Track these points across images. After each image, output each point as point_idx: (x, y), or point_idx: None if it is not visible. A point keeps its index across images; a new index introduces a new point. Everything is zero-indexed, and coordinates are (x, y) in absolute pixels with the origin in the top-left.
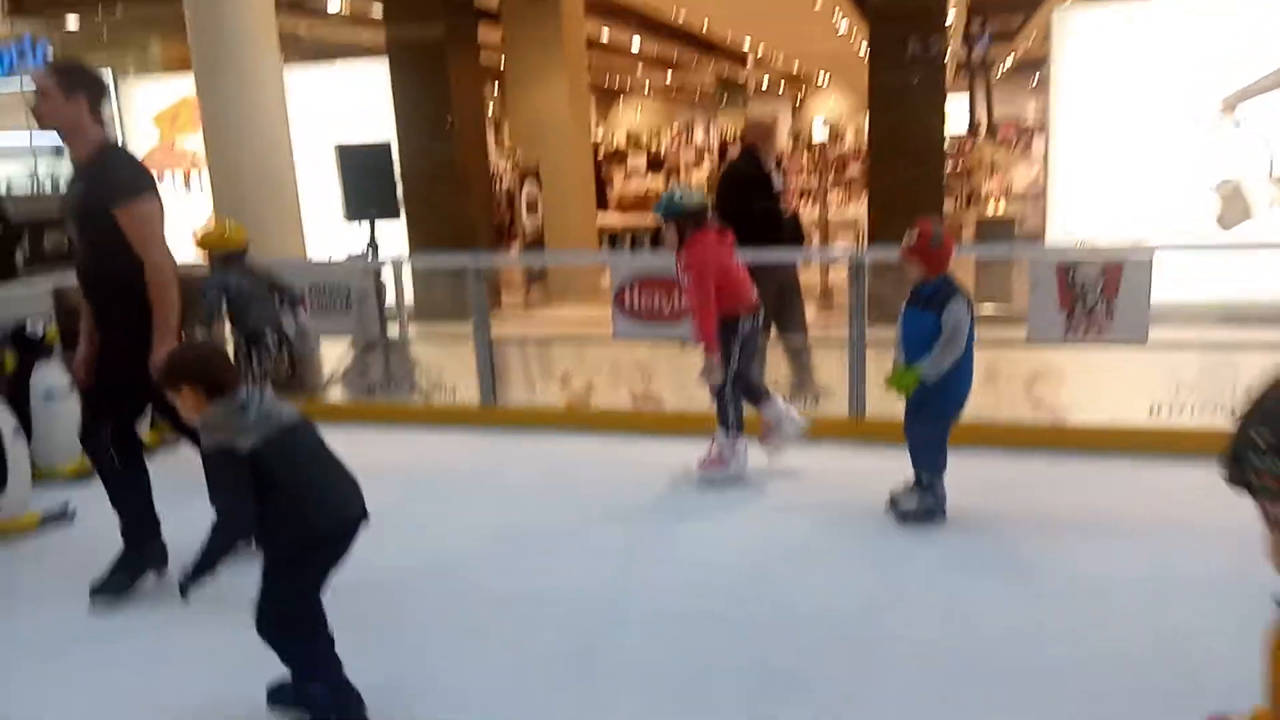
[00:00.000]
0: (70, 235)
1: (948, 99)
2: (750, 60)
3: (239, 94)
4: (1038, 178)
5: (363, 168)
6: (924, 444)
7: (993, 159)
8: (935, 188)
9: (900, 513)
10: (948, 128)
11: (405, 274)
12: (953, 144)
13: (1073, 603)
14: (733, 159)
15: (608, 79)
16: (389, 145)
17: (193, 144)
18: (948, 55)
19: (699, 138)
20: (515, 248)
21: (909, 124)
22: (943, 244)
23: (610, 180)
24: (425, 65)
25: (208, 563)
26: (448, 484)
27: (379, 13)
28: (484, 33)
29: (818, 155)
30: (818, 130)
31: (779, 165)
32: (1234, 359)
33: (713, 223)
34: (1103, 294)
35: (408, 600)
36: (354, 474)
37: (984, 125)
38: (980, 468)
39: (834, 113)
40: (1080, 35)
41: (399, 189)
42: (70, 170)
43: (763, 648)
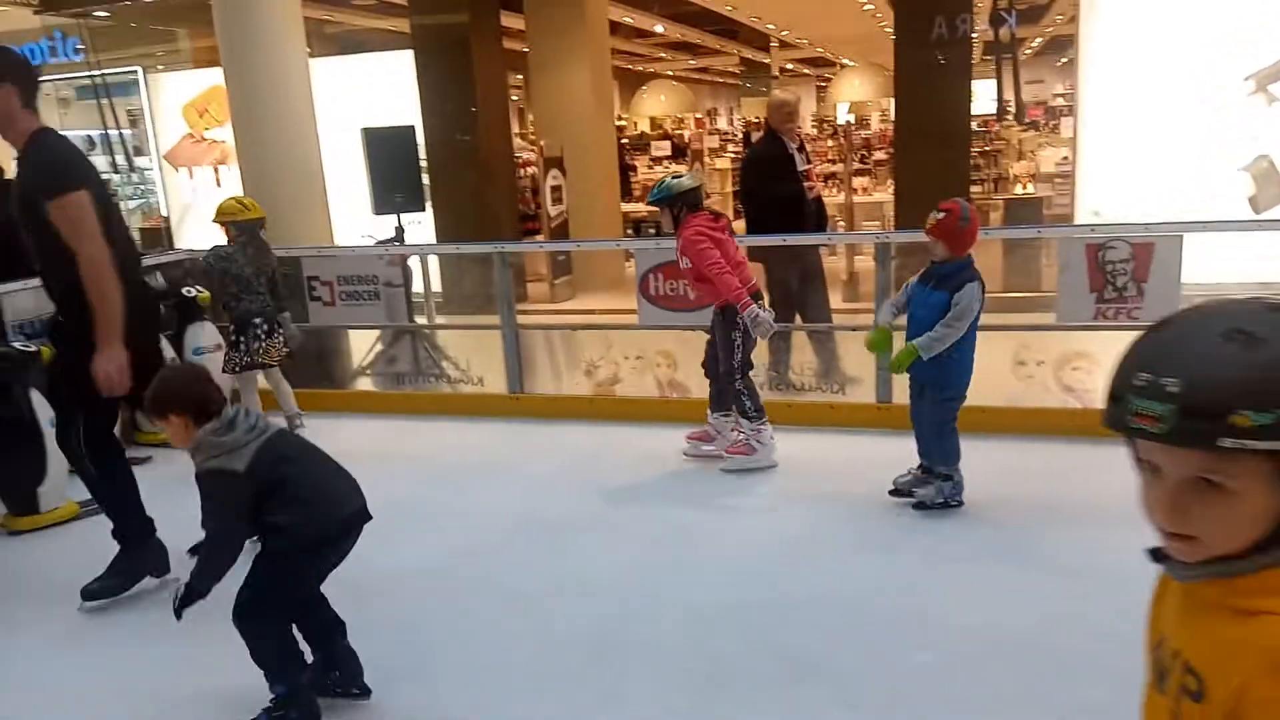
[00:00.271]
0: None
1: (974, 80)
2: (774, 44)
3: (266, 86)
4: (1066, 159)
5: (388, 150)
6: (935, 436)
7: (1020, 140)
8: (962, 170)
9: (919, 503)
10: (974, 109)
11: (432, 263)
12: (980, 125)
13: (1094, 589)
14: (755, 143)
15: (631, 65)
16: (412, 128)
17: (221, 136)
18: (975, 35)
19: (722, 123)
20: (540, 237)
21: (935, 106)
22: (970, 223)
23: (634, 168)
24: (450, 54)
25: (200, 586)
26: (473, 473)
27: (404, 2)
28: (507, 20)
29: (842, 139)
30: (842, 113)
31: (802, 148)
32: None
33: (707, 207)
34: (1133, 275)
35: (430, 588)
36: (349, 473)
37: (1011, 106)
38: (1008, 454)
39: (859, 95)
40: (1109, 13)
41: (423, 175)
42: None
43: (784, 633)
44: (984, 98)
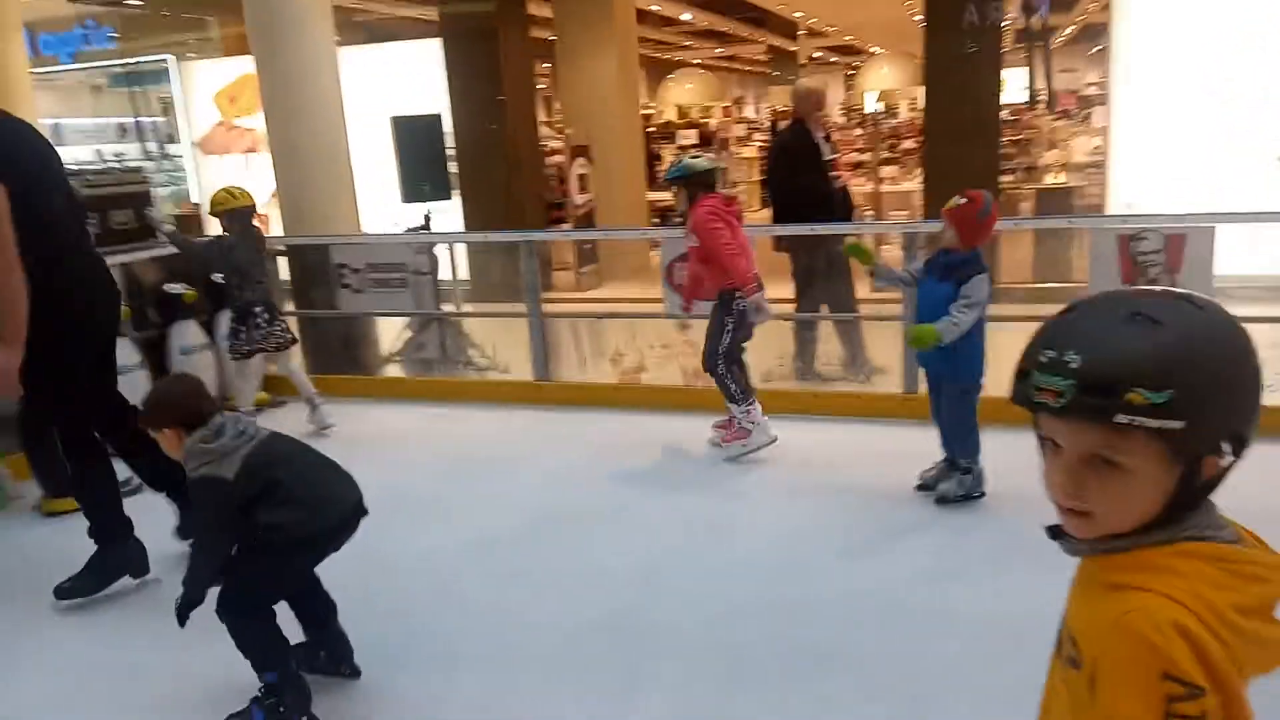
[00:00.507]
0: None
1: (1005, 69)
2: (802, 32)
3: (296, 74)
4: (1098, 148)
5: (416, 139)
6: (955, 430)
7: (1052, 129)
8: (992, 160)
9: (940, 497)
10: (1005, 98)
11: (459, 251)
12: (1010, 114)
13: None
14: (782, 131)
15: (657, 53)
16: (439, 116)
17: (252, 123)
18: (1007, 23)
19: (749, 112)
20: (567, 225)
21: (966, 94)
22: (988, 217)
23: (661, 156)
24: (477, 43)
25: (193, 594)
26: (497, 460)
27: None
28: (534, 8)
29: (870, 128)
30: (870, 102)
31: (829, 137)
32: None
33: (721, 190)
34: (1165, 266)
35: (453, 574)
36: (345, 471)
37: (1043, 95)
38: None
39: (887, 84)
40: (1142, 1)
41: (450, 163)
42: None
43: (807, 625)
44: (1015, 86)
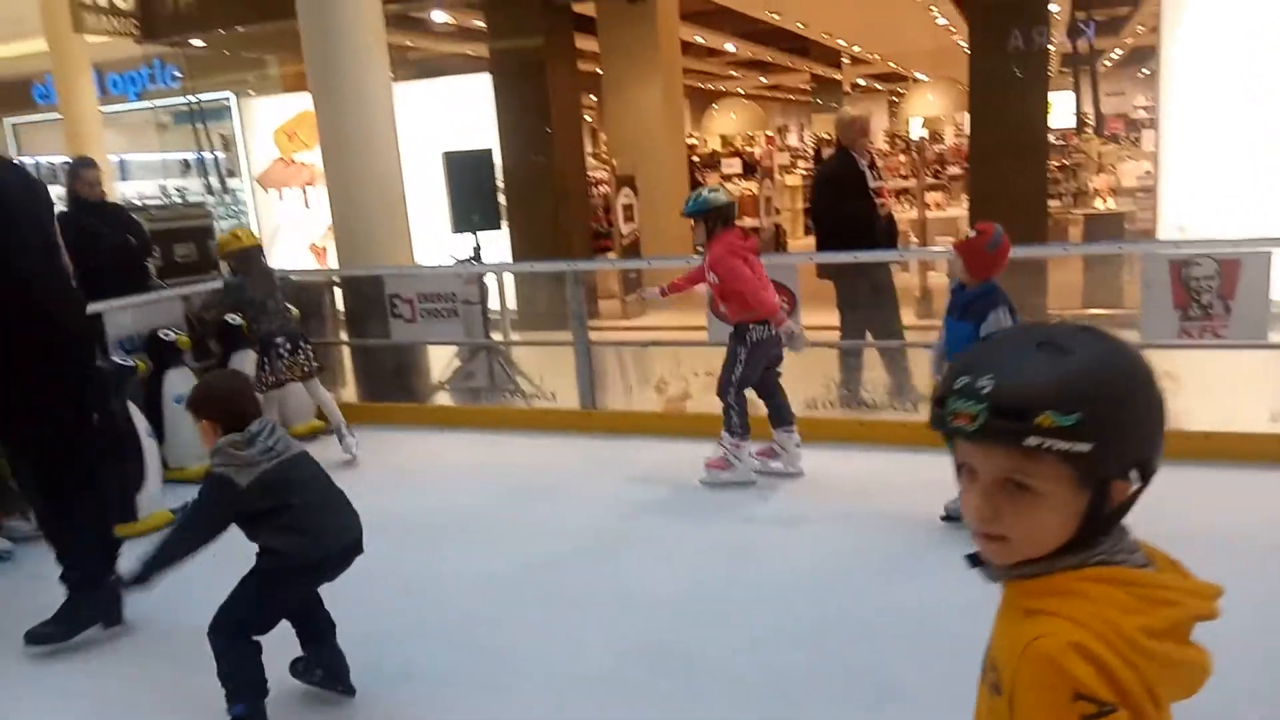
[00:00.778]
0: None
1: (1052, 92)
2: (845, 59)
3: (353, 110)
4: (1148, 173)
5: (467, 173)
6: None
7: (1100, 154)
8: (1039, 185)
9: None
10: (1052, 121)
11: (508, 281)
12: (1058, 139)
13: None
14: (826, 160)
15: (702, 83)
16: (490, 151)
17: (309, 159)
18: (1052, 47)
19: (793, 139)
20: (612, 254)
21: (1011, 119)
22: (998, 250)
23: (704, 185)
24: (526, 77)
25: (148, 570)
26: (544, 486)
27: (483, 27)
28: (581, 43)
29: (915, 154)
30: (915, 128)
31: (873, 165)
32: None
33: (737, 224)
34: (1219, 293)
35: (499, 598)
36: (352, 505)
37: (1091, 119)
38: None
39: (932, 110)
40: (1192, 24)
41: (500, 195)
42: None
43: (854, 653)
44: (1062, 110)
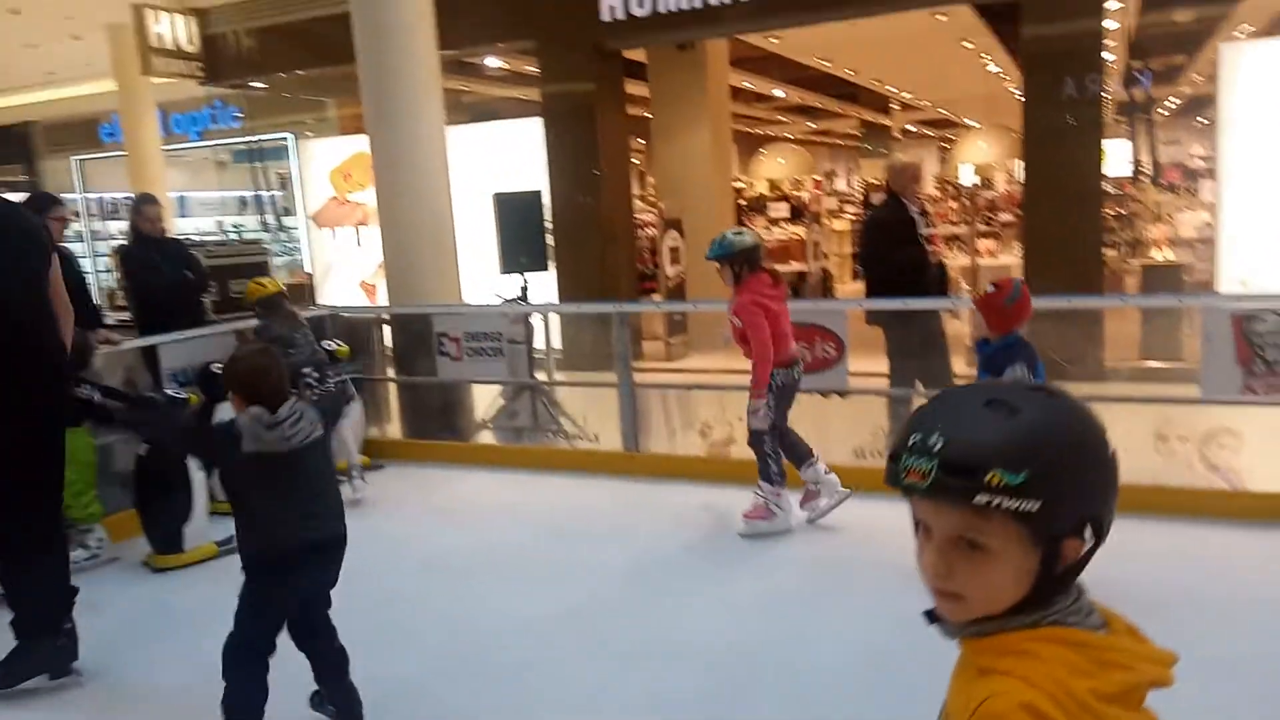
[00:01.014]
0: None
1: (1107, 141)
2: (895, 105)
3: (406, 152)
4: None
5: (516, 214)
6: None
7: (1157, 203)
8: (1094, 233)
9: None
10: (1107, 170)
11: (553, 321)
12: (1114, 187)
13: (1190, 686)
14: (876, 205)
15: (750, 128)
16: (539, 193)
17: (363, 199)
18: (1107, 95)
19: (841, 184)
20: (658, 296)
21: (1066, 167)
22: (1016, 304)
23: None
24: (576, 121)
25: (129, 410)
26: (586, 529)
27: (534, 70)
28: (631, 88)
29: (967, 200)
30: (966, 175)
31: (924, 212)
32: None
33: (768, 268)
34: None
35: (541, 641)
36: (337, 506)
37: (1147, 167)
38: (1149, 535)
39: (983, 156)
40: (1249, 70)
41: (548, 237)
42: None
43: (911, 709)
44: (1118, 158)
